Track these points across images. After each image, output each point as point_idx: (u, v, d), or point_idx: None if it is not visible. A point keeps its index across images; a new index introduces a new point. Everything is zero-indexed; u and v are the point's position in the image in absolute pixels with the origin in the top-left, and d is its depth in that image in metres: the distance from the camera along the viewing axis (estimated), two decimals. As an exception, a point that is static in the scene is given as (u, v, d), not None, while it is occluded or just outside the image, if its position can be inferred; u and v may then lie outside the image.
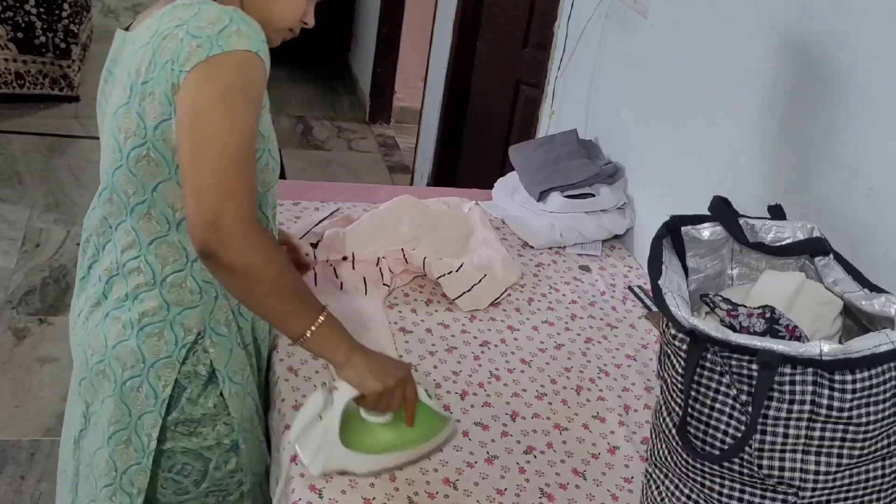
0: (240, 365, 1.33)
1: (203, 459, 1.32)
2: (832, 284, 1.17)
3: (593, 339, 1.68)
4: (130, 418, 1.27)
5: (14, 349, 2.76)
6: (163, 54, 1.14)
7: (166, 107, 1.15)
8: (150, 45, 1.17)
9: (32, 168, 3.87)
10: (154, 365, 1.25)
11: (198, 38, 1.12)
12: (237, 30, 1.13)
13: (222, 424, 1.32)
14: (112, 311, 1.28)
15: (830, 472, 1.01)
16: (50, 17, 4.25)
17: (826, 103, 1.46)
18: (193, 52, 1.11)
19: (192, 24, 1.13)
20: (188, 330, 1.26)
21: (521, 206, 2.05)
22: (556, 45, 2.52)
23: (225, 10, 1.15)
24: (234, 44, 1.12)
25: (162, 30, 1.16)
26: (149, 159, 1.19)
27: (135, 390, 1.26)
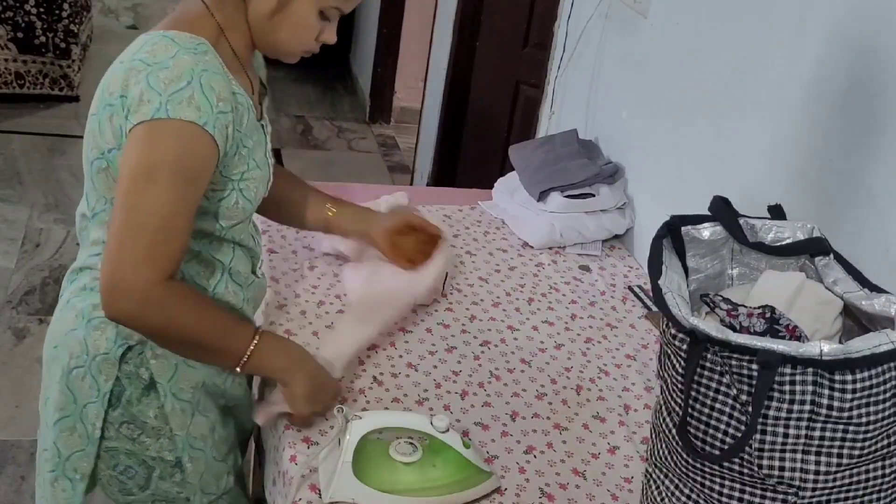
0: (189, 383, 1.30)
1: (146, 466, 1.31)
2: (832, 284, 1.17)
3: (593, 339, 1.68)
4: (76, 406, 1.27)
5: (14, 349, 2.76)
6: (123, 86, 1.15)
7: (118, 138, 1.17)
8: (123, 66, 1.17)
9: (32, 168, 3.87)
10: (96, 358, 1.25)
11: (151, 90, 1.12)
12: (190, 97, 1.12)
13: (165, 439, 1.30)
14: (72, 299, 1.30)
15: (830, 472, 1.01)
16: (50, 17, 4.25)
17: (825, 102, 1.46)
18: (142, 106, 1.12)
19: (154, 72, 1.12)
20: (131, 333, 1.24)
21: (521, 206, 2.05)
22: (556, 45, 2.52)
23: (194, 69, 1.13)
24: (179, 112, 1.11)
25: (137, 56, 1.16)
26: (107, 174, 1.21)
27: (79, 379, 1.26)
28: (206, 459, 1.35)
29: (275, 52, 1.28)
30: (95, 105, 1.22)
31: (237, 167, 1.23)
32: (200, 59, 1.15)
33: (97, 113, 1.20)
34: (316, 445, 1.30)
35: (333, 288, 1.70)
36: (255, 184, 1.27)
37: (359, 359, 1.51)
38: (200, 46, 1.17)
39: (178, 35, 1.17)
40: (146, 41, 1.17)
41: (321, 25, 1.24)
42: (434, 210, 2.09)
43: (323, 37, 1.26)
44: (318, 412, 1.32)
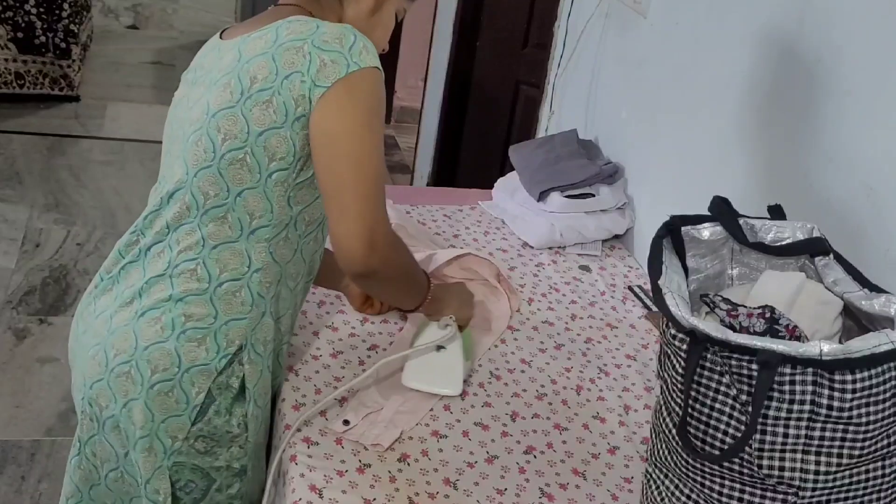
0: (265, 388, 1.31)
1: (209, 479, 1.29)
2: (832, 284, 1.17)
3: (593, 339, 1.68)
4: (153, 423, 1.23)
5: (14, 349, 2.76)
6: (286, 65, 1.16)
7: (282, 116, 1.17)
8: (268, 54, 1.18)
9: (32, 168, 3.87)
10: (189, 370, 1.22)
11: (327, 52, 1.15)
12: (364, 46, 1.17)
13: (237, 447, 1.29)
14: (149, 312, 1.23)
15: (830, 471, 1.01)
16: (50, 17, 4.25)
17: (825, 103, 1.46)
18: (328, 68, 1.14)
19: (316, 38, 1.16)
20: (231, 341, 1.23)
21: (521, 206, 2.05)
22: (556, 45, 2.52)
23: (345, 26, 1.18)
24: (366, 60, 1.16)
25: (282, 41, 1.17)
26: (243, 163, 1.20)
27: (163, 394, 1.22)
28: (260, 468, 1.36)
29: None
30: (227, 100, 1.19)
31: None
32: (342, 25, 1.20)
33: (234, 106, 1.18)
34: (317, 446, 1.30)
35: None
36: None
37: (359, 359, 1.51)
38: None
39: (302, 18, 1.21)
40: (276, 29, 1.19)
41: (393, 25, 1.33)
42: (434, 210, 2.09)
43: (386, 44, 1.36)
44: (472, 313, 1.54)
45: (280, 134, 1.17)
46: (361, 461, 1.29)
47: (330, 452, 1.30)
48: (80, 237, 3.38)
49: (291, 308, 1.35)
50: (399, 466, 1.29)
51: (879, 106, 1.34)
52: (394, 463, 1.30)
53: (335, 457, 1.29)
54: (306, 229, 1.28)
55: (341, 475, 1.26)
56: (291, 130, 1.17)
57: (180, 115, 1.29)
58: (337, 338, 1.56)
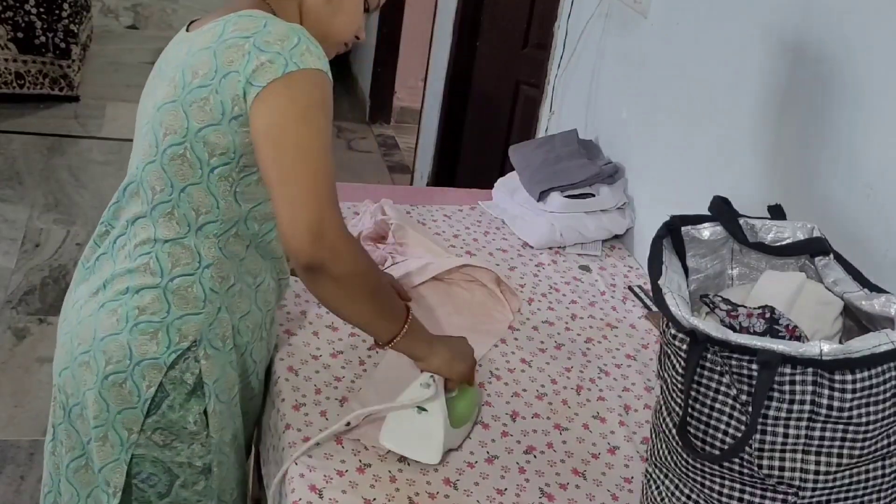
0: (229, 384, 1.30)
1: (171, 474, 1.29)
2: (832, 284, 1.17)
3: (593, 339, 1.68)
4: (108, 414, 1.25)
5: (14, 349, 2.76)
6: (226, 63, 1.15)
7: (218, 114, 1.16)
8: (210, 49, 1.17)
9: (32, 168, 3.87)
10: (140, 363, 1.23)
11: (267, 52, 1.13)
12: (307, 49, 1.15)
13: (199, 445, 1.29)
14: (108, 303, 1.26)
15: (830, 471, 1.01)
16: (50, 17, 4.25)
17: (826, 103, 1.46)
18: (265, 67, 1.13)
19: (259, 38, 1.15)
20: (184, 336, 1.24)
21: (521, 206, 2.05)
22: (556, 45, 2.52)
23: (292, 27, 1.17)
24: (308, 62, 1.14)
25: (226, 37, 1.17)
26: (184, 159, 1.20)
27: (117, 386, 1.23)
28: (230, 465, 1.35)
29: (325, 40, 1.27)
30: (168, 94, 1.20)
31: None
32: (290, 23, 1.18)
33: (174, 101, 1.19)
34: (317, 446, 1.30)
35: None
36: None
37: (359, 359, 1.51)
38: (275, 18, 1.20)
39: (252, 12, 1.19)
40: (225, 23, 1.19)
41: (363, 19, 1.29)
42: (434, 210, 2.09)
43: (360, 32, 1.31)
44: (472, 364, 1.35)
45: (219, 130, 1.17)
46: (361, 461, 1.29)
47: (330, 452, 1.30)
48: (80, 237, 3.38)
49: (257, 304, 1.33)
50: (399, 466, 1.29)
51: (881, 106, 1.34)
52: (394, 463, 1.29)
53: (335, 457, 1.29)
54: (261, 228, 1.28)
55: (341, 475, 1.25)
56: (229, 128, 1.17)
57: (141, 107, 1.31)
58: (337, 338, 1.56)
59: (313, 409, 1.38)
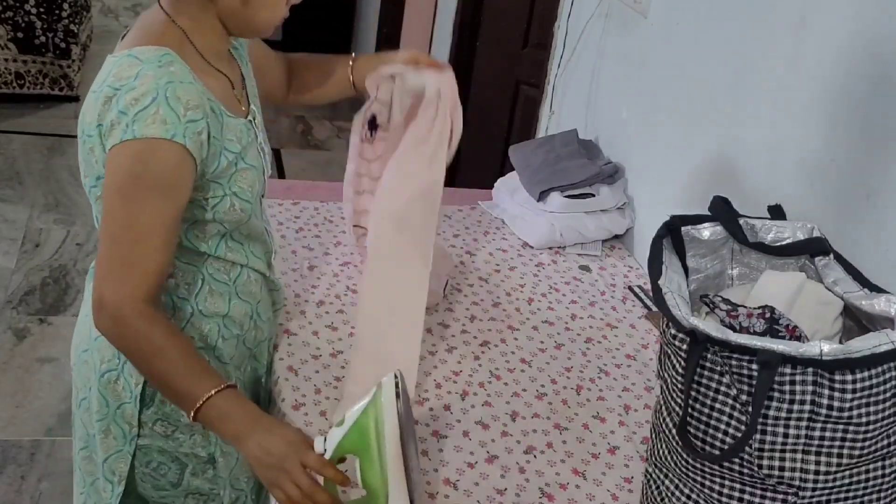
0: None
1: (179, 463, 1.33)
2: (832, 284, 1.17)
3: (593, 339, 1.68)
4: (109, 409, 1.29)
5: (14, 349, 2.76)
6: (99, 116, 1.15)
7: (102, 167, 1.17)
8: (94, 95, 1.17)
9: (32, 168, 3.87)
10: (127, 362, 1.26)
11: (120, 113, 1.12)
12: (155, 113, 1.11)
13: (199, 435, 1.32)
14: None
15: (830, 471, 1.01)
16: (50, 17, 4.25)
17: (826, 102, 1.46)
18: (113, 131, 1.12)
19: (123, 95, 1.12)
20: None
21: (521, 206, 2.05)
22: (556, 45, 2.52)
23: (157, 84, 1.12)
24: (145, 130, 1.11)
25: (108, 82, 1.15)
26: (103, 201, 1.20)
27: (112, 382, 1.28)
28: (238, 455, 1.36)
29: (253, 34, 1.27)
30: (78, 135, 1.21)
31: (225, 172, 1.22)
32: (165, 72, 1.14)
33: (82, 144, 1.20)
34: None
35: (333, 288, 1.70)
36: (249, 182, 1.26)
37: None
38: (165, 57, 1.15)
39: (141, 51, 1.16)
40: (113, 65, 1.17)
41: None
42: (434, 210, 2.09)
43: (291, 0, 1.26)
44: (278, 484, 1.10)
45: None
46: (361, 461, 1.29)
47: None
48: (80, 237, 3.38)
49: (240, 297, 1.34)
50: (399, 466, 1.29)
51: (880, 106, 1.34)
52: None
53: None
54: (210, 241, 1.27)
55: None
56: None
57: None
58: (337, 338, 1.56)
59: (313, 409, 1.38)
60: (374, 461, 1.14)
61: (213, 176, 1.21)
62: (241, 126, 1.25)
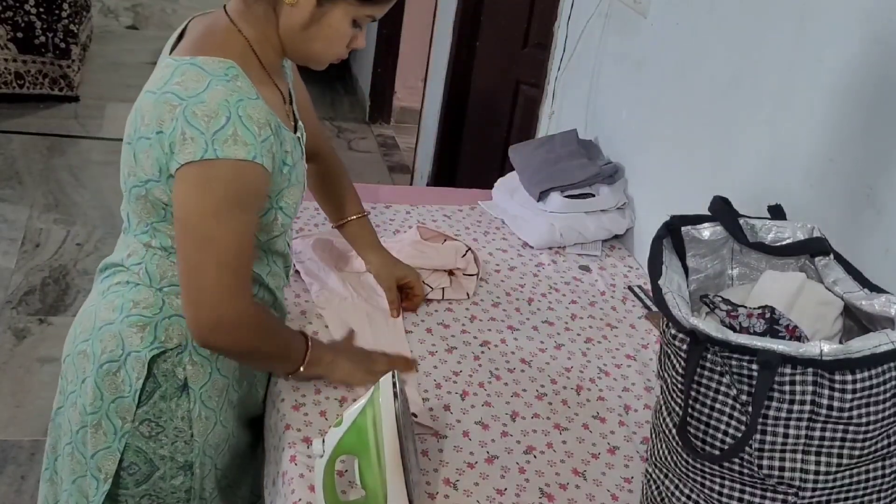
0: (217, 391, 1.32)
1: (151, 465, 1.31)
2: (832, 284, 1.17)
3: (593, 339, 1.68)
4: (103, 402, 1.27)
5: (14, 349, 2.76)
6: (159, 121, 1.13)
7: (156, 171, 1.16)
8: (154, 96, 1.15)
9: (32, 168, 3.87)
10: (130, 355, 1.26)
11: (192, 127, 1.11)
12: (233, 134, 1.11)
13: (182, 442, 1.31)
14: (108, 294, 1.30)
15: (830, 472, 1.01)
16: (50, 17, 4.25)
17: (825, 102, 1.46)
18: (186, 144, 1.11)
19: (190, 107, 1.11)
20: (169, 337, 1.26)
21: (520, 206, 2.05)
22: (556, 45, 2.52)
23: (227, 101, 1.11)
24: (228, 152, 1.11)
25: (168, 88, 1.14)
26: (146, 201, 1.21)
27: (111, 374, 1.26)
28: (212, 467, 1.36)
29: (305, 61, 1.28)
30: (129, 133, 1.20)
31: (279, 186, 1.23)
32: (233, 88, 1.13)
33: (131, 143, 1.19)
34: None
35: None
36: (295, 199, 1.28)
37: (359, 359, 1.51)
38: (231, 70, 1.15)
39: (206, 61, 1.15)
40: (175, 69, 1.15)
41: (353, 33, 1.24)
42: (434, 210, 2.09)
43: (354, 44, 1.26)
44: (376, 371, 1.36)
45: (159, 187, 1.18)
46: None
47: (330, 452, 1.29)
48: (80, 237, 3.38)
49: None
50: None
51: (880, 106, 1.34)
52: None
53: (335, 457, 1.29)
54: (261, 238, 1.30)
55: (341, 475, 1.25)
56: (168, 185, 1.17)
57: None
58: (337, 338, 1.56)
59: (313, 409, 1.38)
60: (373, 461, 1.14)
61: (270, 190, 1.21)
62: (293, 141, 1.26)
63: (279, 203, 1.25)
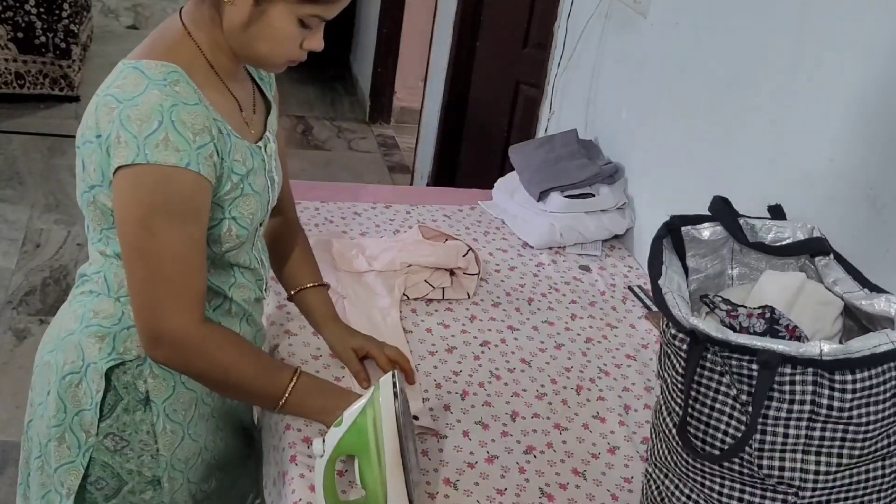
0: (182, 404, 1.29)
1: (119, 479, 1.28)
2: (832, 284, 1.17)
3: (593, 339, 1.68)
4: (66, 415, 1.25)
5: (14, 350, 2.76)
6: (99, 124, 1.12)
7: (99, 176, 1.15)
8: (97, 101, 1.14)
9: (33, 168, 3.87)
10: (90, 366, 1.23)
11: (126, 131, 1.09)
12: (164, 139, 1.09)
13: (149, 457, 1.28)
14: (73, 303, 1.28)
15: (830, 472, 1.01)
16: (50, 17, 4.25)
17: (825, 102, 1.46)
18: (120, 148, 1.09)
19: (125, 110, 1.09)
20: (128, 349, 1.23)
21: (521, 206, 2.05)
22: (556, 45, 2.52)
23: (161, 106, 1.09)
24: (159, 157, 1.08)
25: (110, 91, 1.12)
26: (95, 207, 1.19)
27: (73, 386, 1.24)
28: (183, 481, 1.33)
29: (257, 64, 1.24)
30: (77, 137, 1.19)
31: (228, 194, 1.19)
32: (169, 93, 1.11)
33: (79, 147, 1.18)
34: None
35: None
36: (252, 210, 1.23)
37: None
38: (171, 75, 1.13)
39: (148, 65, 1.13)
40: (119, 73, 1.14)
41: (303, 34, 1.18)
42: (434, 210, 2.09)
43: (307, 45, 1.20)
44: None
45: (103, 193, 1.16)
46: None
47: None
48: (81, 237, 3.38)
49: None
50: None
51: (880, 105, 1.34)
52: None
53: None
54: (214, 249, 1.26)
55: (341, 475, 1.25)
56: (109, 191, 1.15)
57: None
58: (337, 338, 1.56)
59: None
60: (373, 461, 1.14)
61: (218, 198, 1.18)
62: (246, 149, 1.23)
63: (232, 213, 1.21)
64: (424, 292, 1.70)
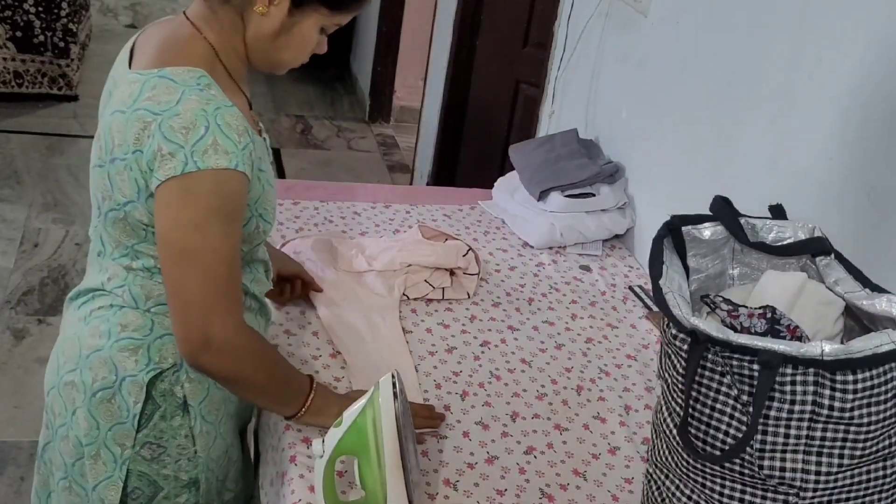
0: (215, 405, 1.29)
1: (155, 486, 1.28)
2: (833, 284, 1.17)
3: (594, 339, 1.68)
4: (99, 431, 1.23)
5: (13, 350, 2.75)
6: (134, 140, 1.10)
7: (134, 192, 1.14)
8: (125, 115, 1.12)
9: (31, 167, 3.86)
10: (125, 379, 1.22)
11: (170, 142, 1.08)
12: (213, 143, 1.08)
13: (186, 460, 1.28)
14: (91, 319, 1.25)
15: (832, 472, 1.01)
16: (49, 17, 4.24)
17: (825, 101, 1.45)
18: (165, 160, 1.08)
19: (166, 121, 1.08)
20: (164, 358, 1.23)
21: (521, 205, 2.05)
22: (556, 45, 2.51)
23: (205, 111, 1.09)
24: (210, 161, 1.08)
25: (138, 105, 1.11)
26: (125, 223, 1.18)
27: (105, 402, 1.23)
28: (214, 480, 1.35)
29: (271, 68, 1.26)
30: (99, 156, 1.17)
31: (256, 192, 1.20)
32: (208, 97, 1.11)
33: (104, 165, 1.16)
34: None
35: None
36: (271, 203, 1.25)
37: (358, 359, 1.51)
38: (202, 80, 1.12)
39: (175, 72, 1.12)
40: (143, 84, 1.12)
41: (319, 39, 1.23)
42: (434, 210, 2.08)
43: (317, 49, 1.24)
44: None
45: (138, 208, 1.15)
46: (361, 462, 1.28)
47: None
48: (79, 237, 3.37)
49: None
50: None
51: (880, 105, 1.34)
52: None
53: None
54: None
55: (341, 476, 1.25)
56: (147, 206, 1.14)
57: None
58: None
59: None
60: (373, 461, 1.14)
61: (249, 197, 1.19)
62: (262, 145, 1.24)
63: (258, 210, 1.22)
64: (424, 292, 1.69)
